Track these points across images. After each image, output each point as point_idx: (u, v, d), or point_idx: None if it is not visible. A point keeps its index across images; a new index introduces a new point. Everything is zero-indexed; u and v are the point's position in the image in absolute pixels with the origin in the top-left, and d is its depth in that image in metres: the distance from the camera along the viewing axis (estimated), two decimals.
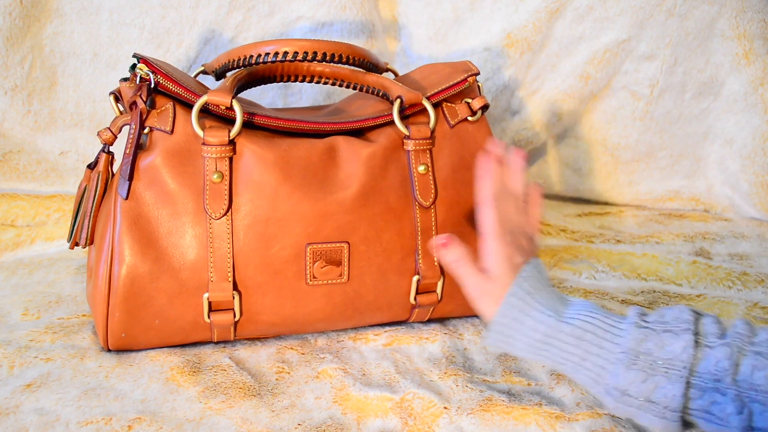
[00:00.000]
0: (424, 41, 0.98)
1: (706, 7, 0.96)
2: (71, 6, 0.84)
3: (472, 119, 0.70)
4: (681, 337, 0.47)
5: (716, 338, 0.47)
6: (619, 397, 0.48)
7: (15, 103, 0.85)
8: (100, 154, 0.62)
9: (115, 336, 0.60)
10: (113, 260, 0.59)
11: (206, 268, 0.60)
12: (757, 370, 0.45)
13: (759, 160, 1.03)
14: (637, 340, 0.48)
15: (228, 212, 0.60)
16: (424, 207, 0.66)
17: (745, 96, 1.01)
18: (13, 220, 0.87)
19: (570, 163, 1.10)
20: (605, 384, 0.49)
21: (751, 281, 0.83)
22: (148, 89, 0.60)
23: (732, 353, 0.46)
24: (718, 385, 0.45)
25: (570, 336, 0.50)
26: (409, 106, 0.67)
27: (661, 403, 0.46)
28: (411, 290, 0.66)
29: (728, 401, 0.45)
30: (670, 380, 0.46)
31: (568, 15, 0.96)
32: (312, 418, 0.55)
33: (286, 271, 0.61)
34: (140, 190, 0.59)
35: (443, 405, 0.57)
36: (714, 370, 0.45)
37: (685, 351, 0.46)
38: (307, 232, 0.61)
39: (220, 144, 0.60)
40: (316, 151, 0.63)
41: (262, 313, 0.62)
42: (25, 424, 0.52)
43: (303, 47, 0.65)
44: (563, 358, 0.51)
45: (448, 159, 0.68)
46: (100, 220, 0.62)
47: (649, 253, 0.90)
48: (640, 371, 0.47)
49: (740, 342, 0.46)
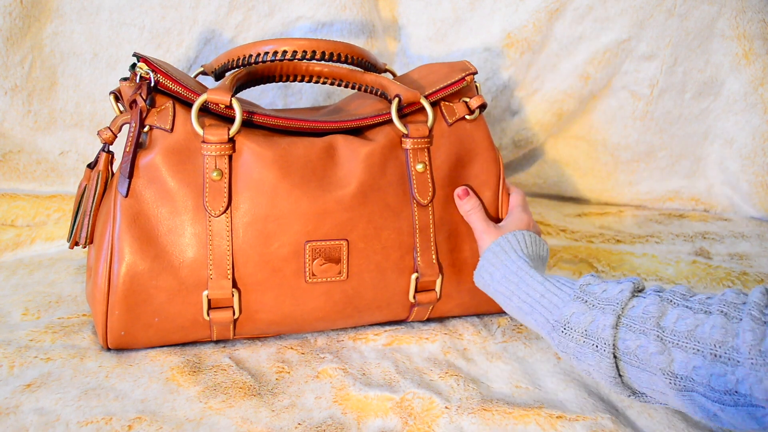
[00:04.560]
0: (424, 41, 0.98)
1: (706, 7, 0.96)
2: (71, 6, 0.84)
3: (470, 118, 0.70)
4: (621, 285, 0.53)
5: (653, 291, 0.52)
6: (562, 330, 0.54)
7: (15, 103, 0.85)
8: (100, 153, 0.62)
9: (114, 334, 0.60)
10: (113, 258, 0.59)
11: (206, 266, 0.60)
12: (681, 319, 0.48)
13: (759, 160, 1.03)
14: (586, 282, 0.55)
15: (227, 210, 0.60)
16: (422, 205, 0.66)
17: (745, 96, 1.01)
18: (13, 220, 0.87)
19: (570, 163, 1.10)
20: (554, 320, 0.55)
21: (751, 281, 0.83)
22: (148, 88, 0.60)
23: (661, 302, 0.50)
24: (643, 327, 0.49)
25: (538, 276, 0.59)
26: (407, 104, 0.67)
27: (594, 334, 0.51)
28: (410, 288, 0.66)
29: (650, 341, 0.48)
30: (604, 313, 0.52)
31: (568, 15, 0.96)
32: (312, 418, 0.55)
33: (286, 269, 0.62)
34: (140, 188, 0.59)
35: (443, 405, 0.57)
36: (642, 313, 0.50)
37: (621, 293, 0.52)
38: (306, 229, 0.62)
39: (219, 142, 0.60)
40: (315, 149, 0.63)
41: (262, 311, 0.62)
42: (25, 424, 0.52)
43: (302, 46, 0.65)
44: (527, 294, 0.58)
45: (446, 157, 0.68)
46: (99, 219, 0.62)
47: (649, 253, 0.90)
48: (582, 303, 0.53)
49: (672, 296, 0.50)
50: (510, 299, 0.60)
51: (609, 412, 0.57)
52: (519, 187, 0.74)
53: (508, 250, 0.62)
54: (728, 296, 0.47)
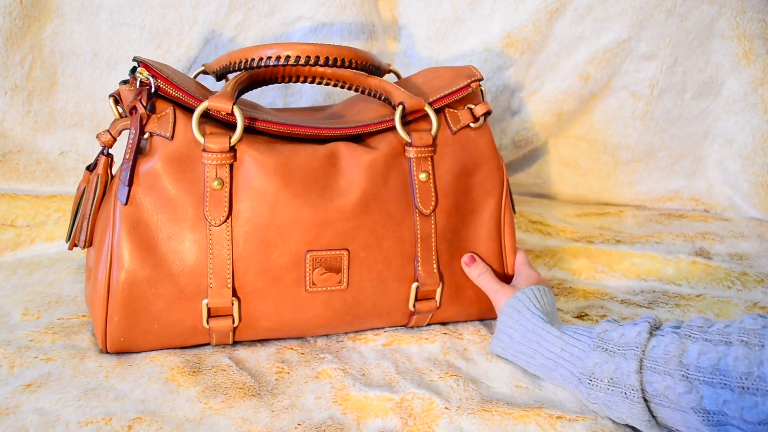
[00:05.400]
0: (424, 41, 0.98)
1: (706, 7, 0.96)
2: (71, 6, 0.84)
3: (475, 126, 0.69)
4: (638, 326, 0.53)
5: (670, 329, 0.52)
6: (588, 382, 0.54)
7: (15, 103, 0.85)
8: (99, 156, 0.62)
9: (113, 340, 0.60)
10: (112, 265, 0.58)
11: (205, 274, 0.60)
12: (703, 354, 0.47)
13: (759, 160, 1.03)
14: (603, 330, 0.55)
15: (228, 219, 0.60)
16: (424, 215, 0.66)
17: (745, 96, 1.01)
18: (13, 220, 0.87)
19: (570, 163, 1.10)
20: (579, 373, 0.55)
21: (751, 281, 0.83)
22: (149, 94, 0.60)
23: (680, 339, 0.50)
24: (667, 368, 0.49)
25: (555, 330, 0.59)
26: (411, 112, 0.66)
27: (621, 381, 0.51)
28: (410, 297, 0.66)
29: (677, 382, 0.48)
30: (626, 359, 0.51)
31: (568, 15, 0.96)
32: (312, 418, 0.55)
33: (286, 278, 0.61)
34: (140, 195, 0.59)
35: (443, 405, 0.57)
36: (663, 353, 0.49)
37: (639, 335, 0.52)
38: (307, 239, 0.61)
39: (220, 151, 0.60)
40: (317, 157, 0.63)
41: (261, 319, 0.62)
42: (25, 424, 0.52)
43: (305, 51, 0.64)
44: (548, 350, 0.58)
45: (450, 166, 0.67)
46: (99, 223, 0.62)
47: (649, 253, 0.90)
48: (603, 352, 0.53)
49: (690, 331, 0.50)
50: (533, 358, 0.59)
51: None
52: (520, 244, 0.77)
53: (522, 309, 0.62)
54: (746, 323, 0.47)
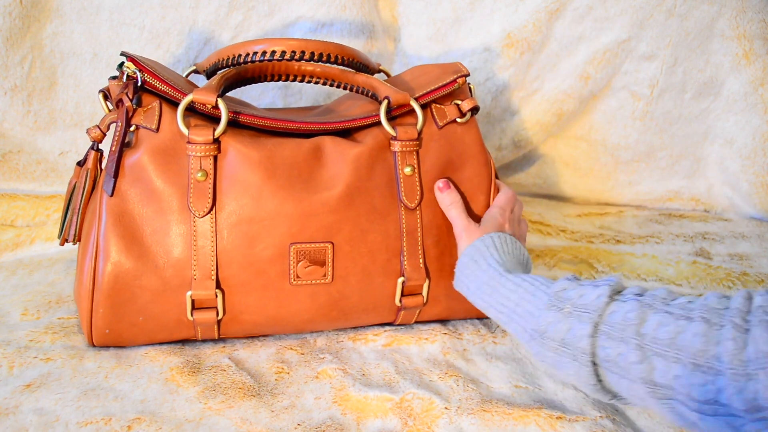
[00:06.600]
0: (424, 41, 0.98)
1: (706, 7, 0.96)
2: (71, 6, 0.84)
3: (461, 121, 0.69)
4: (599, 288, 0.51)
5: (632, 295, 0.49)
6: (539, 339, 0.52)
7: (15, 103, 0.85)
8: (89, 151, 0.63)
9: (99, 332, 0.60)
10: (98, 257, 0.59)
11: (189, 266, 0.60)
12: (662, 326, 0.46)
13: (759, 160, 1.03)
14: (562, 288, 0.53)
15: (212, 211, 0.60)
16: (409, 208, 0.66)
17: (745, 96, 1.01)
18: (13, 220, 0.87)
19: (570, 163, 1.10)
20: (531, 329, 0.53)
21: (751, 281, 0.83)
22: (135, 87, 0.60)
23: (642, 307, 0.48)
24: (623, 335, 0.47)
25: (510, 283, 0.57)
26: (396, 106, 0.66)
27: (572, 344, 0.50)
28: (396, 292, 0.66)
29: (630, 350, 0.46)
30: (581, 321, 0.49)
31: (568, 15, 0.96)
32: (312, 419, 0.55)
33: (270, 271, 0.61)
34: (125, 187, 0.59)
35: (443, 405, 0.57)
36: (621, 319, 0.48)
37: (599, 299, 0.50)
38: (291, 231, 0.61)
39: (204, 143, 0.60)
40: (302, 150, 0.63)
41: (246, 312, 0.62)
42: (24, 424, 0.52)
43: (291, 46, 0.65)
44: (502, 304, 0.56)
45: (436, 160, 0.68)
46: (87, 217, 0.62)
47: (649, 253, 0.90)
48: (558, 312, 0.51)
49: (653, 301, 0.48)
50: (487, 310, 0.59)
51: (609, 412, 0.57)
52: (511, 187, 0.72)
53: (479, 259, 0.60)
54: (710, 301, 0.46)
